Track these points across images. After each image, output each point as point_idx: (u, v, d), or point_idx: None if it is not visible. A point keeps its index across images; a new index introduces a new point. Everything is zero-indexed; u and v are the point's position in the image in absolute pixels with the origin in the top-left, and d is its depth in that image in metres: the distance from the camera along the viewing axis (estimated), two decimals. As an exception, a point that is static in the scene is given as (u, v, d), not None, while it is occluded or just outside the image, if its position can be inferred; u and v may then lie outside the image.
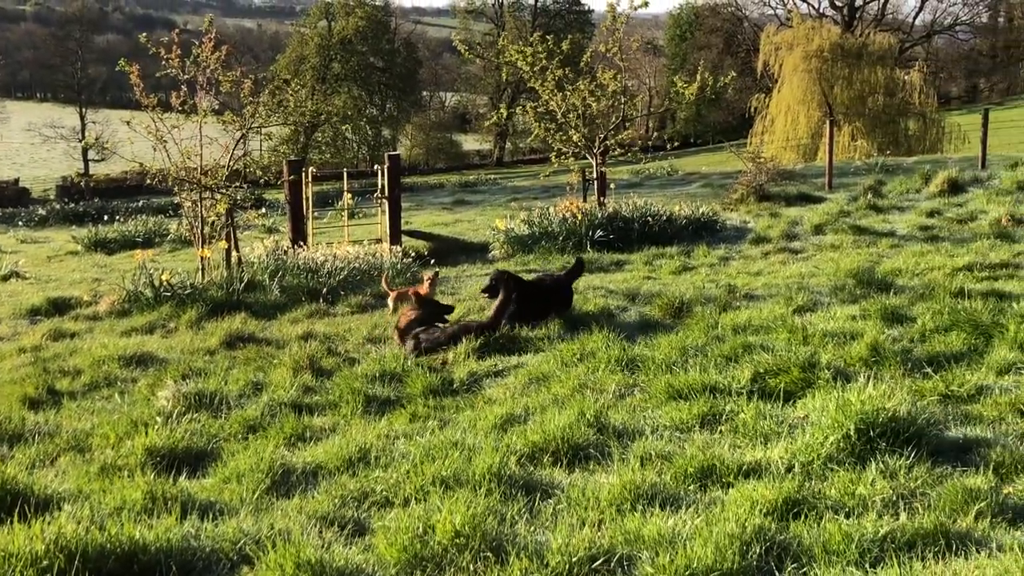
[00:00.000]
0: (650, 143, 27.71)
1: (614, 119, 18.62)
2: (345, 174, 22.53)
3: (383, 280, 12.46)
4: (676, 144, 67.51)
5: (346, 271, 13.93)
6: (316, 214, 21.65)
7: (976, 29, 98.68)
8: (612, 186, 20.30)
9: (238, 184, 15.05)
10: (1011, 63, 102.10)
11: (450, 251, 17.48)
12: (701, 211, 17.76)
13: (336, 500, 5.83)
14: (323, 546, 5.09)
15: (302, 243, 15.75)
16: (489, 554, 4.84)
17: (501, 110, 24.87)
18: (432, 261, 15.48)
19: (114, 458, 6.85)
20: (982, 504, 5.08)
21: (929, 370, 7.60)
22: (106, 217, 31.05)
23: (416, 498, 5.70)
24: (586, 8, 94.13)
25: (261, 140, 16.64)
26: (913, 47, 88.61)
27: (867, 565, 4.60)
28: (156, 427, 7.48)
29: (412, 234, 18.49)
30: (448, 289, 13.29)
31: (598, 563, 4.74)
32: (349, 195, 21.32)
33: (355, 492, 5.92)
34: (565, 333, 9.97)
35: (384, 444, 6.83)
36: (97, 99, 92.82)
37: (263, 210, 25.33)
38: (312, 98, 59.30)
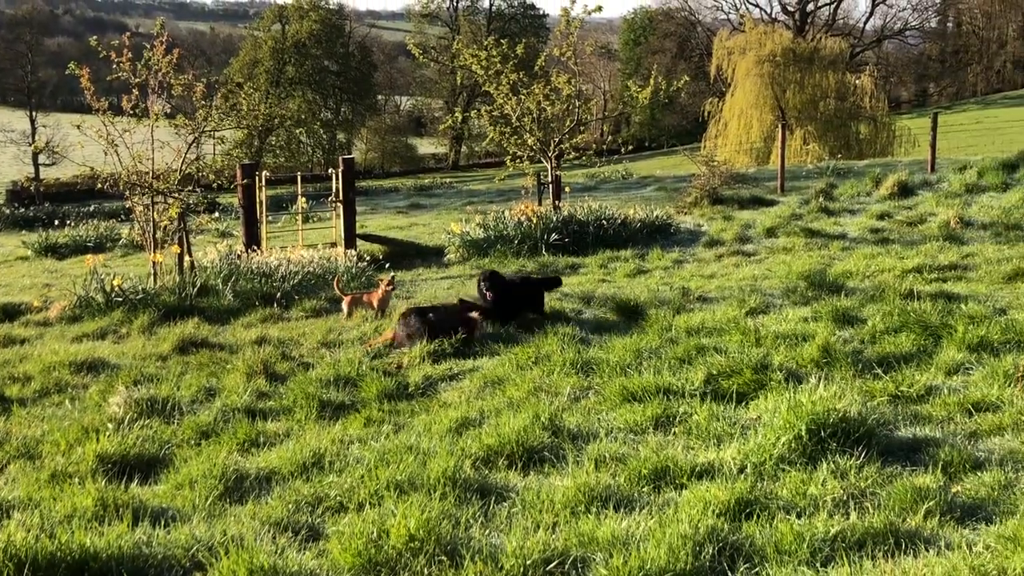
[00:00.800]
0: (605, 147, 27.81)
1: (568, 123, 18.67)
2: (299, 178, 22.40)
3: (336, 284, 12.41)
4: (631, 148, 67.61)
5: (300, 275, 13.85)
6: (270, 218, 21.51)
7: (925, 34, 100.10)
8: (567, 190, 20.36)
9: (191, 188, 14.92)
10: (960, 67, 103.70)
11: (405, 255, 17.43)
12: (655, 214, 17.85)
13: (290, 505, 5.80)
14: (277, 552, 5.06)
15: (256, 247, 15.63)
16: (444, 558, 4.84)
17: (456, 114, 24.94)
18: (387, 265, 15.44)
19: (65, 465, 6.76)
20: (931, 503, 5.15)
21: (879, 371, 7.69)
22: (57, 222, 30.61)
23: (370, 503, 5.68)
24: (541, 12, 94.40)
25: (214, 144, 16.52)
26: (864, 52, 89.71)
27: (818, 564, 4.65)
28: (107, 433, 7.39)
29: (367, 238, 18.40)
30: (404, 293, 13.26)
31: (552, 565, 4.75)
32: (303, 199, 21.21)
33: (309, 497, 5.89)
34: (520, 336, 9.99)
35: (338, 449, 6.81)
36: (48, 103, 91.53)
37: (216, 214, 25.14)
38: (266, 102, 58.98)
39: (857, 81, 47.62)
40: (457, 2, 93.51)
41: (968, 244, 13.81)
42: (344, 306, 11.85)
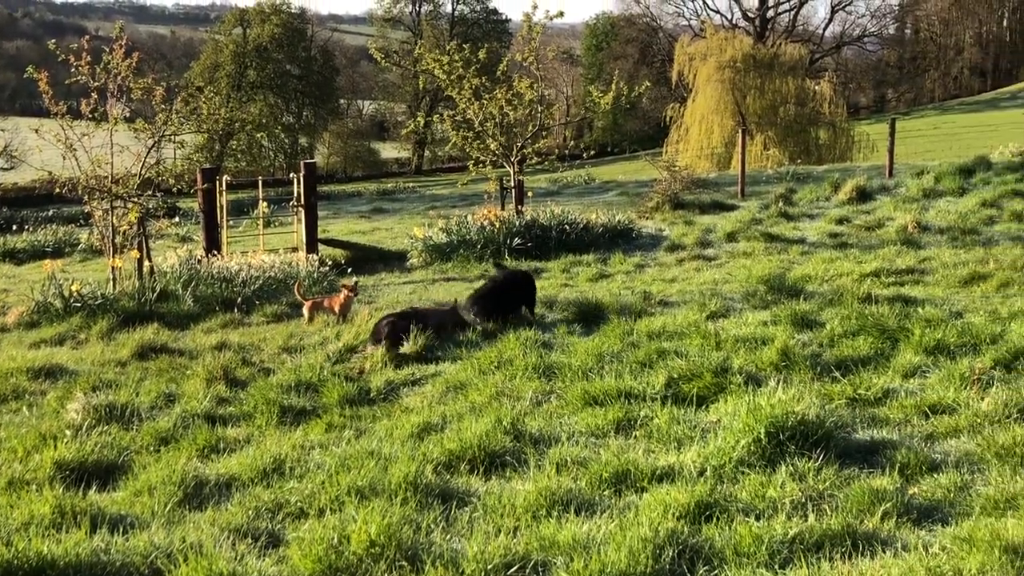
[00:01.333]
0: (567, 152, 27.91)
1: (531, 128, 18.70)
2: (260, 182, 22.26)
3: (296, 290, 12.35)
4: (593, 153, 68.00)
5: (261, 280, 13.78)
6: (231, 223, 21.38)
7: (884, 40, 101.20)
8: (530, 194, 20.39)
9: (150, 193, 14.80)
10: (917, 74, 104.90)
11: (368, 259, 17.36)
12: (618, 219, 17.91)
13: (250, 512, 5.77)
14: (236, 558, 5.04)
15: (216, 252, 15.53)
16: (404, 563, 4.84)
17: (419, 118, 24.94)
18: (349, 270, 15.38)
19: (22, 472, 6.69)
20: (888, 505, 5.21)
21: (837, 374, 7.77)
22: (15, 227, 30.24)
23: (331, 508, 5.67)
24: (503, 17, 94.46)
25: (175, 148, 16.41)
26: (823, 58, 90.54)
27: (776, 566, 4.69)
28: (65, 440, 7.32)
29: (329, 243, 18.33)
30: (366, 297, 13.23)
31: (513, 570, 4.76)
32: (264, 203, 21.09)
33: (269, 503, 5.87)
34: (483, 341, 10.00)
35: (299, 454, 6.78)
36: (6, 106, 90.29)
37: (176, 219, 25.01)
38: (227, 106, 58.59)
39: (816, 87, 48.03)
40: (420, 6, 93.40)
41: (925, 248, 13.96)
42: (305, 311, 11.81)
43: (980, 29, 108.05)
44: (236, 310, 12.73)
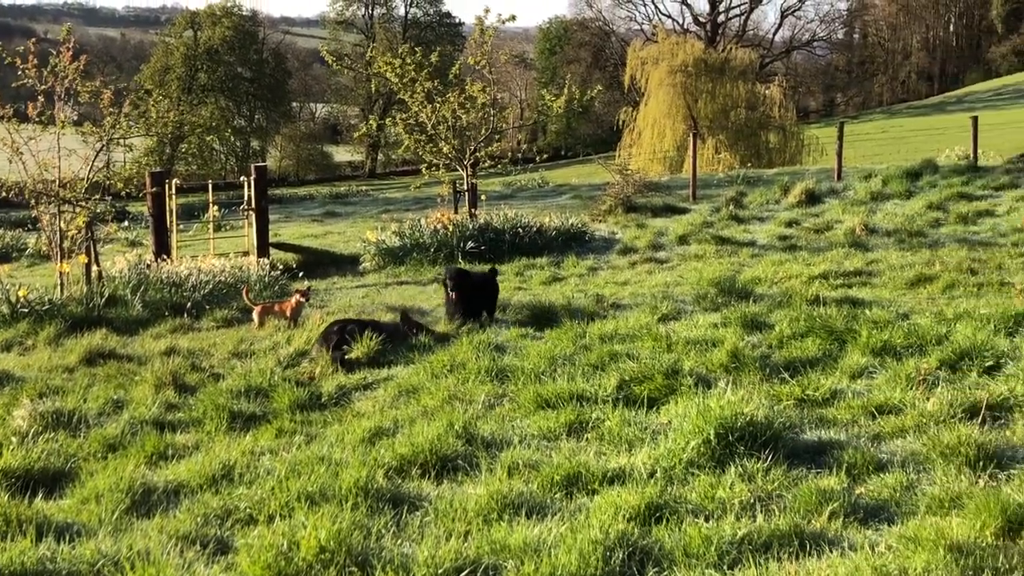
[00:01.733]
0: (521, 155, 27.95)
1: (484, 131, 18.71)
2: (210, 186, 22.08)
3: (245, 295, 12.26)
4: (547, 156, 68.21)
5: (211, 285, 13.66)
6: (181, 227, 21.19)
7: (833, 45, 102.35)
8: (483, 198, 20.40)
9: (99, 197, 14.63)
10: (866, 78, 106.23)
11: (320, 263, 17.29)
12: (571, 222, 17.97)
13: (198, 518, 5.72)
14: (184, 566, 4.99)
15: (166, 256, 15.38)
16: (354, 569, 4.82)
17: (372, 121, 24.79)
18: (301, 274, 15.30)
19: (-35, 481, 6.58)
20: (835, 504, 5.26)
21: (786, 375, 7.84)
22: (-41, 232, 29.79)
23: (281, 514, 5.63)
24: (457, 21, 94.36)
25: (124, 151, 16.22)
26: (773, 62, 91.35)
27: (725, 567, 4.72)
28: (11, 447, 7.22)
29: (280, 246, 18.23)
30: (318, 302, 13.16)
31: (464, 574, 4.75)
32: (215, 207, 20.93)
33: (218, 510, 5.82)
34: (435, 344, 9.99)
35: (249, 461, 6.73)
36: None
37: (126, 223, 24.70)
38: (177, 109, 58.08)
39: (767, 91, 48.42)
40: (372, 9, 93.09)
41: (873, 251, 14.14)
42: (255, 316, 11.72)
43: (927, 34, 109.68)
44: (186, 315, 12.61)
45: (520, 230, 17.08)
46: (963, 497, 5.27)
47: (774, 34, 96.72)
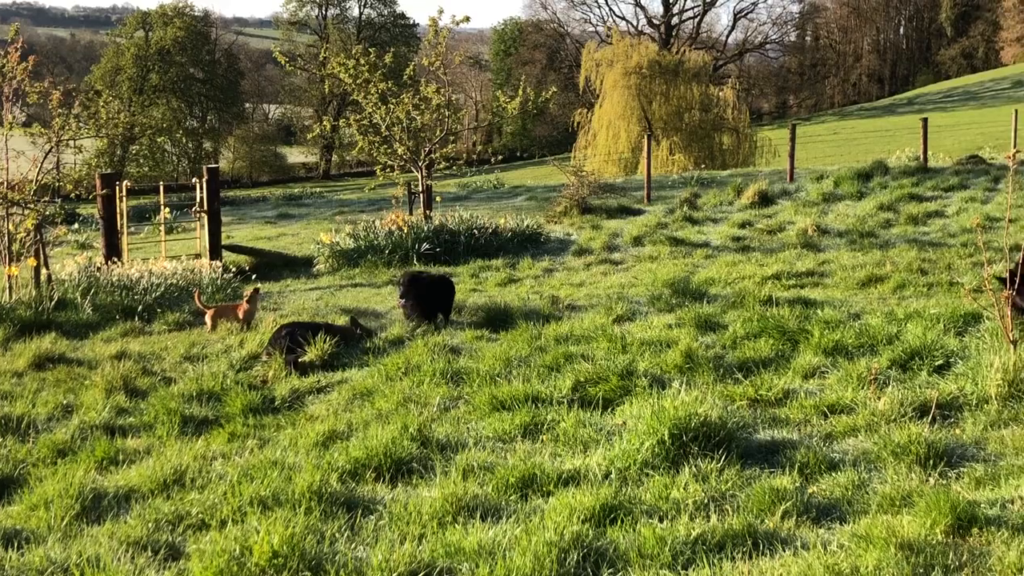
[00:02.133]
0: (476, 157, 27.93)
1: (439, 132, 18.66)
2: (162, 187, 21.83)
3: (196, 298, 12.14)
4: (502, 158, 68.29)
5: (163, 287, 13.51)
6: (132, 229, 20.94)
7: (785, 48, 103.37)
8: (438, 199, 20.34)
9: (48, 199, 14.41)
10: (818, 80, 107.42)
11: (273, 266, 17.14)
12: (526, 224, 17.97)
13: (150, 524, 5.65)
14: (135, 572, 4.94)
15: (117, 259, 15.17)
16: (308, 573, 4.78)
17: (325, 122, 24.65)
18: (254, 276, 15.17)
19: (-91, 489, 6.47)
20: (788, 504, 5.30)
21: (740, 375, 7.89)
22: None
23: (233, 519, 5.58)
24: (411, 22, 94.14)
25: (75, 153, 15.98)
26: (726, 64, 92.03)
27: (679, 567, 4.74)
28: (-44, 455, 7.10)
29: (233, 249, 18.03)
30: (271, 304, 13.06)
31: (418, 577, 4.73)
32: (167, 209, 20.70)
33: (170, 515, 5.76)
34: (390, 347, 9.95)
35: (201, 465, 6.66)
36: None
37: (76, 225, 24.37)
38: (128, 110, 57.47)
39: (720, 93, 48.73)
40: (326, 10, 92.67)
41: (825, 251, 14.26)
42: (207, 319, 11.61)
43: (878, 36, 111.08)
44: (137, 318, 12.46)
45: (475, 232, 17.06)
46: (914, 495, 5.33)
47: (727, 36, 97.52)
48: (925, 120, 25.35)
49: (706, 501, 5.41)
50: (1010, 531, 4.85)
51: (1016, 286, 7.19)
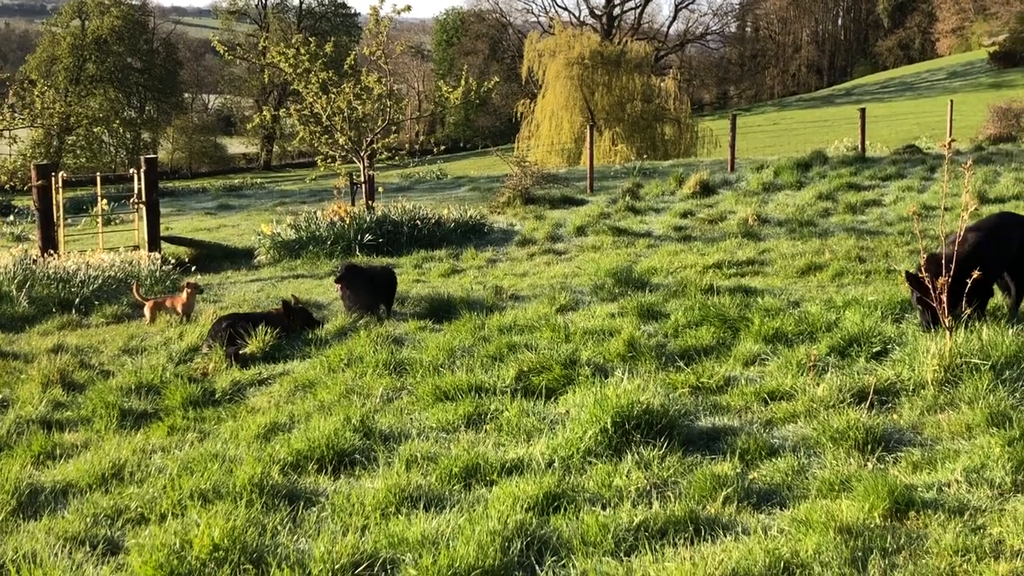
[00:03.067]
0: (419, 147, 27.86)
1: (381, 123, 18.57)
2: (99, 178, 21.50)
3: (135, 291, 11.97)
4: (445, 148, 67.92)
5: (101, 280, 13.31)
6: (69, 221, 20.61)
7: (726, 38, 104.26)
8: (381, 190, 20.26)
9: (-20, 190, 14.15)
10: (758, 71, 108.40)
11: (214, 257, 16.96)
12: (469, 214, 17.94)
13: (88, 519, 5.57)
14: (73, 567, 4.87)
15: (53, 251, 14.93)
16: (249, 566, 4.74)
17: (266, 112, 24.42)
18: (194, 268, 15.00)
19: None
20: (729, 490, 5.34)
21: (681, 363, 7.95)
22: None
23: (173, 513, 5.52)
24: (352, 11, 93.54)
25: (8, 144, 15.69)
26: (668, 55, 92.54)
27: (622, 554, 4.76)
28: None
29: (172, 240, 17.81)
30: (211, 296, 12.92)
31: (361, 569, 4.71)
32: (104, 200, 20.39)
33: (108, 510, 5.68)
34: (333, 338, 9.88)
35: (140, 459, 6.59)
36: None
37: (11, 217, 23.95)
38: (64, 100, 56.48)
39: (662, 84, 49.01)
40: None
41: (765, 240, 14.41)
42: (146, 312, 11.46)
43: (816, 28, 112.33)
44: (74, 311, 12.27)
45: (419, 222, 17.00)
46: (852, 480, 5.39)
47: (668, 27, 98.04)
48: (863, 110, 25.73)
49: (648, 488, 5.44)
50: (946, 514, 4.93)
51: (951, 272, 7.30)
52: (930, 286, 7.33)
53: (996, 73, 73.97)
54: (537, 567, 4.72)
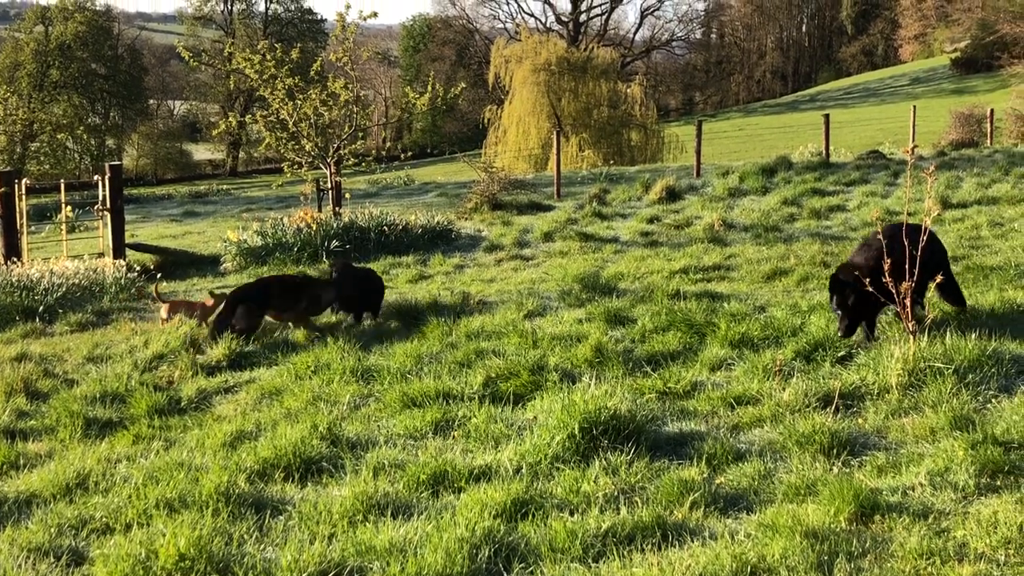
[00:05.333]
0: (386, 153, 27.77)
1: (348, 129, 18.51)
2: (63, 185, 21.30)
3: (154, 290, 11.92)
4: (412, 154, 67.85)
5: (65, 287, 13.19)
6: (33, 228, 20.42)
7: (691, 45, 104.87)
8: (348, 196, 20.19)
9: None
10: (723, 77, 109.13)
11: (179, 264, 16.83)
12: (437, 220, 17.91)
13: (52, 529, 5.52)
14: (36, 580, 4.81)
15: (16, 259, 14.78)
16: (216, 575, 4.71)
17: (231, 118, 24.28)
18: (159, 275, 14.89)
19: None
20: (696, 495, 5.37)
21: (649, 369, 7.97)
22: None
23: (139, 523, 5.48)
24: (319, 17, 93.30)
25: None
26: (634, 61, 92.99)
27: (590, 560, 4.77)
28: None
29: (137, 247, 17.67)
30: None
31: (329, 577, 4.69)
32: (68, 207, 20.20)
33: (73, 520, 5.63)
34: (299, 345, 9.85)
35: (105, 468, 6.52)
36: None
37: (-27, 225, 23.63)
38: (27, 106, 56.03)
39: (628, 90, 49.22)
40: (232, 5, 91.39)
41: (731, 245, 14.47)
42: (163, 312, 11.38)
43: (781, 34, 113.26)
44: (38, 319, 12.15)
45: (386, 228, 16.95)
46: (818, 484, 5.43)
47: (634, 34, 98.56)
48: (827, 116, 25.92)
49: (616, 494, 5.46)
50: (911, 517, 4.98)
51: (914, 277, 7.36)
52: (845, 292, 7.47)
53: (958, 79, 74.90)
54: (505, 574, 4.72)
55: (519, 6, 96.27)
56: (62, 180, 23.48)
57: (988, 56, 67.06)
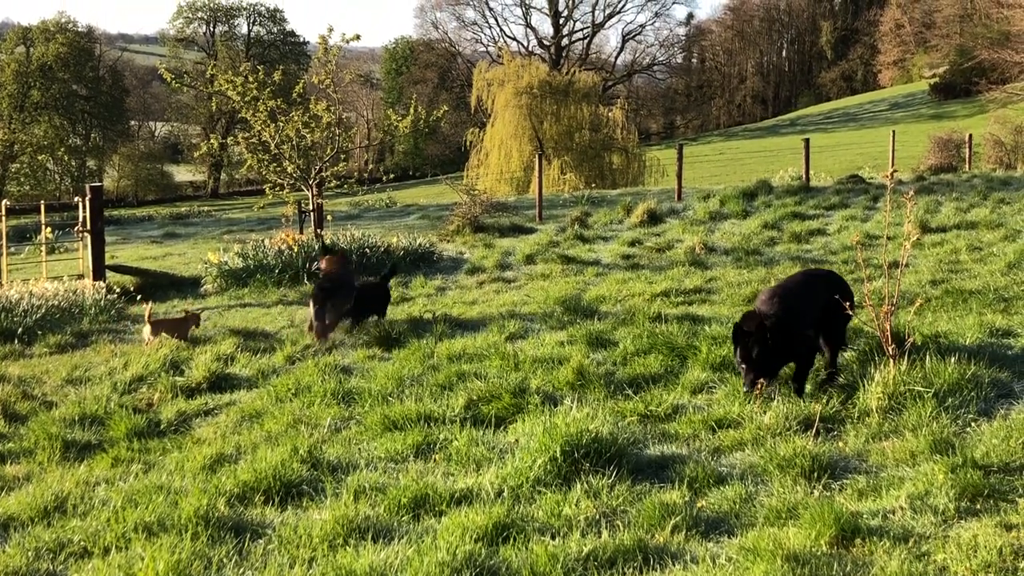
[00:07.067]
0: (368, 175, 27.78)
1: (330, 151, 18.51)
2: (43, 207, 21.22)
3: (147, 311, 11.89)
4: (394, 176, 67.90)
5: (44, 309, 13.12)
6: (12, 249, 20.30)
7: (672, 69, 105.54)
8: (330, 218, 20.18)
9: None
10: (704, 101, 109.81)
11: (160, 286, 16.75)
12: (419, 242, 17.91)
13: (29, 553, 5.48)
14: (12, 604, 4.76)
15: (-5, 280, 14.72)
16: (195, 600, 4.67)
17: (213, 140, 24.27)
18: (140, 297, 14.82)
19: None
20: (677, 518, 5.36)
21: (630, 391, 7.97)
22: None
23: (117, 546, 5.44)
24: (301, 40, 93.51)
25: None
26: (615, 85, 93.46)
27: (572, 584, 4.75)
28: None
29: (118, 269, 17.58)
30: (157, 326, 12.76)
31: (309, 601, 4.66)
32: (48, 229, 20.11)
33: (51, 543, 5.58)
34: (280, 367, 9.82)
35: (83, 491, 6.47)
36: None
37: (-48, 246, 23.51)
38: (8, 127, 55.86)
39: (609, 113, 49.44)
40: (214, 27, 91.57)
41: (712, 269, 14.52)
42: (145, 333, 11.35)
43: (761, 59, 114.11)
44: (17, 341, 12.07)
45: (367, 250, 16.94)
46: (799, 507, 5.44)
47: (616, 58, 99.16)
48: (807, 141, 26.09)
49: (597, 517, 5.45)
50: (891, 540, 4.98)
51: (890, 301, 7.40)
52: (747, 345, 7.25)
53: (937, 104, 75.56)
54: (486, 598, 4.70)
55: (501, 30, 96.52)
56: (42, 201, 23.37)
57: (967, 82, 67.67)
